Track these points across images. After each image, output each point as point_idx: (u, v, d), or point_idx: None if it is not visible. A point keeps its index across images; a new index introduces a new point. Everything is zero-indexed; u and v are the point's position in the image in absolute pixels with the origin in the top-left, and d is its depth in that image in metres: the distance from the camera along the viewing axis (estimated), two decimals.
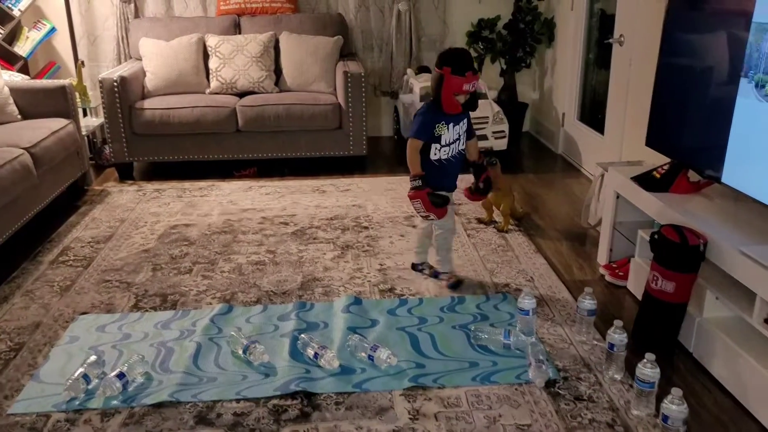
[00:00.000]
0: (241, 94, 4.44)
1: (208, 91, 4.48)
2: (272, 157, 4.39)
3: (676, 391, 1.77)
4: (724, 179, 2.31)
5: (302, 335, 2.36)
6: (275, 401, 2.07)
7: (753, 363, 1.97)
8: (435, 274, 2.87)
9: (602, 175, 3.19)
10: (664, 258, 2.22)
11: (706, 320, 2.23)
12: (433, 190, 2.58)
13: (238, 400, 2.08)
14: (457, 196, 2.91)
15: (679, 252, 2.17)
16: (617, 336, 2.11)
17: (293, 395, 2.09)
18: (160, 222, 3.57)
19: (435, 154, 2.63)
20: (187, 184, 4.20)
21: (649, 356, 1.93)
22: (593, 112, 4.42)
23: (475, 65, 2.51)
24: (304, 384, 2.13)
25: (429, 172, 2.62)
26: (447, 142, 2.61)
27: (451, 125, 2.60)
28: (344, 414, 2.01)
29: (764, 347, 2.00)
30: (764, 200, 2.11)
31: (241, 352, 2.30)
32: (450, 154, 2.65)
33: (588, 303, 2.37)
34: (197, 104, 4.25)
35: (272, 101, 4.30)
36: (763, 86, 1.99)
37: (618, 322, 2.12)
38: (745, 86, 2.08)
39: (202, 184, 4.21)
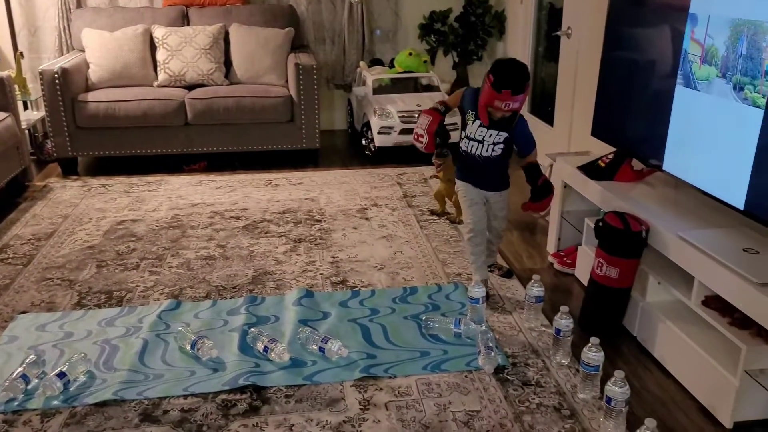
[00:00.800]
0: (190, 87, 4.35)
1: (155, 83, 4.38)
2: (223, 150, 4.32)
3: (618, 373, 1.82)
4: (665, 167, 2.38)
5: (252, 329, 2.33)
6: (224, 396, 2.04)
7: (692, 344, 2.04)
8: (508, 273, 2.83)
9: (551, 166, 3.24)
10: (608, 244, 2.27)
11: (649, 304, 2.29)
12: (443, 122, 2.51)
13: (185, 396, 2.04)
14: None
15: (622, 238, 2.23)
16: (563, 321, 2.15)
17: (242, 389, 2.06)
18: (106, 218, 3.47)
19: (462, 143, 2.54)
20: (134, 179, 4.09)
21: (594, 340, 1.97)
22: (543, 104, 4.50)
23: (523, 85, 2.31)
24: (253, 378, 2.10)
25: (460, 162, 2.59)
26: (468, 135, 2.49)
27: (477, 122, 2.44)
28: (294, 407, 1.99)
29: (702, 329, 2.07)
30: (702, 187, 2.18)
31: (189, 347, 2.25)
32: (469, 150, 2.50)
33: (536, 290, 2.41)
34: (144, 97, 4.14)
35: (222, 94, 4.22)
36: (741, 88, 1.93)
37: (564, 308, 2.16)
38: (722, 87, 2.02)
39: (151, 179, 4.11)
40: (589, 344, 1.97)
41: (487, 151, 2.47)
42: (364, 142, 4.55)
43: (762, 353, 1.82)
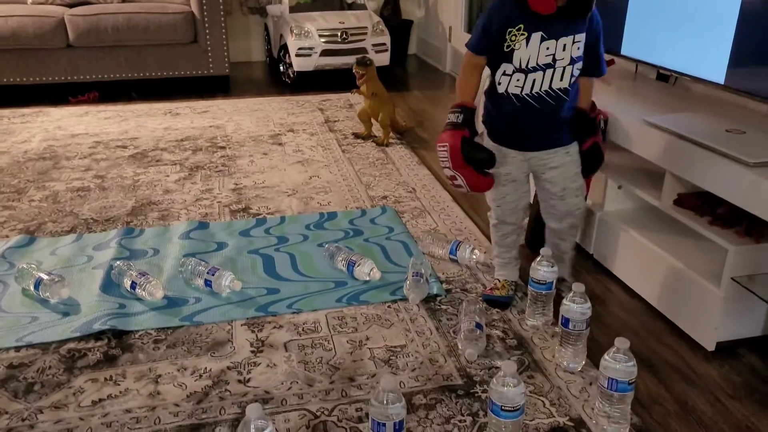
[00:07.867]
0: (72, 4, 3.70)
1: None
2: (115, 78, 3.71)
3: (577, 287, 1.42)
4: (624, 51, 1.98)
5: (118, 262, 1.83)
6: (72, 345, 1.55)
7: (662, 254, 1.66)
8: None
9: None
10: None
11: (608, 214, 1.91)
12: (473, 138, 1.54)
13: (17, 348, 1.54)
14: None
15: None
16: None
17: (98, 336, 1.57)
18: None
19: (501, 84, 1.53)
20: (6, 112, 3.45)
21: (545, 251, 1.57)
22: None
23: None
24: (113, 321, 1.61)
25: (493, 113, 1.63)
26: (524, 66, 1.48)
27: (539, 34, 1.46)
28: (164, 353, 1.52)
29: (674, 236, 1.70)
30: (671, 66, 1.79)
31: (32, 288, 1.74)
32: (531, 89, 1.50)
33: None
34: (12, 13, 3.48)
35: (109, 10, 3.60)
36: None
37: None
38: None
39: (27, 111, 3.48)
40: (540, 257, 1.57)
41: (562, 79, 1.50)
42: (282, 68, 4.01)
43: (752, 254, 1.45)
